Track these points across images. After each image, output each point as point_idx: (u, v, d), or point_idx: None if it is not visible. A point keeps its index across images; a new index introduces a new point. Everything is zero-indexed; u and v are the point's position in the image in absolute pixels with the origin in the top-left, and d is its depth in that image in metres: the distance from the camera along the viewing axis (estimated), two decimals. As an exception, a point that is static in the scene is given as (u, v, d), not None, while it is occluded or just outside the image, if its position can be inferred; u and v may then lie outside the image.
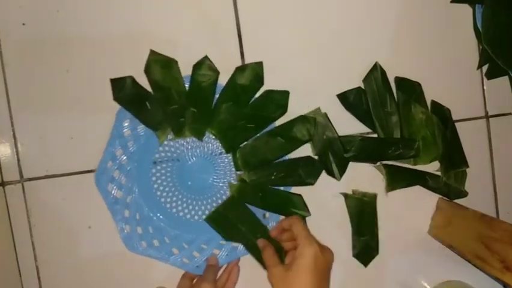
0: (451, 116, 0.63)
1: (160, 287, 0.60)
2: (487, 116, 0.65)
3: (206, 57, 0.58)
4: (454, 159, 0.62)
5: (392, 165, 0.62)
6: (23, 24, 0.58)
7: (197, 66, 0.58)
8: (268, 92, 0.59)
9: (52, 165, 0.59)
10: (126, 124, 0.58)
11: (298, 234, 0.52)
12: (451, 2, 0.62)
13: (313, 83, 0.62)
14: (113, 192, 0.58)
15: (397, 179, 0.61)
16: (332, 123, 0.60)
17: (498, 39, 0.57)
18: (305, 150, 0.60)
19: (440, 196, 0.63)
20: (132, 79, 0.57)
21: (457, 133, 0.63)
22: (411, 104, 0.61)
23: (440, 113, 0.62)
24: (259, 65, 0.59)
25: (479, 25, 0.59)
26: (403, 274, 0.64)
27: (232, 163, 0.60)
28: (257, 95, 0.59)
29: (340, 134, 0.60)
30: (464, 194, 0.63)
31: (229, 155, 0.60)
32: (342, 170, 0.60)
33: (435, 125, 0.61)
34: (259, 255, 0.56)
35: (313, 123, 0.58)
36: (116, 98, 0.57)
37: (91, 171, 0.59)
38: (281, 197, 0.59)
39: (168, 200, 0.60)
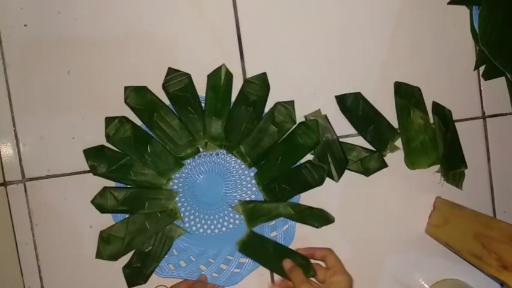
0: (452, 117, 0.63)
1: (160, 285, 0.61)
2: (484, 117, 0.65)
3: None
4: (454, 160, 0.62)
5: (248, 201, 0.60)
6: (25, 25, 0.58)
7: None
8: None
9: (54, 165, 0.59)
10: None
11: (334, 263, 0.57)
12: (448, 3, 0.63)
13: (313, 84, 0.62)
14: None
15: (256, 216, 0.60)
16: (331, 125, 0.61)
17: (495, 40, 0.57)
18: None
19: (438, 195, 0.64)
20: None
21: (457, 134, 0.63)
22: (410, 109, 0.61)
23: (441, 114, 0.62)
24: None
25: (476, 26, 0.59)
26: (401, 273, 0.64)
27: (239, 168, 0.61)
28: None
29: (339, 135, 0.61)
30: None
31: (235, 163, 0.61)
32: (341, 172, 0.60)
33: (436, 126, 0.61)
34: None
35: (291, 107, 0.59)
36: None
37: (92, 171, 0.59)
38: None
39: (186, 219, 0.61)
